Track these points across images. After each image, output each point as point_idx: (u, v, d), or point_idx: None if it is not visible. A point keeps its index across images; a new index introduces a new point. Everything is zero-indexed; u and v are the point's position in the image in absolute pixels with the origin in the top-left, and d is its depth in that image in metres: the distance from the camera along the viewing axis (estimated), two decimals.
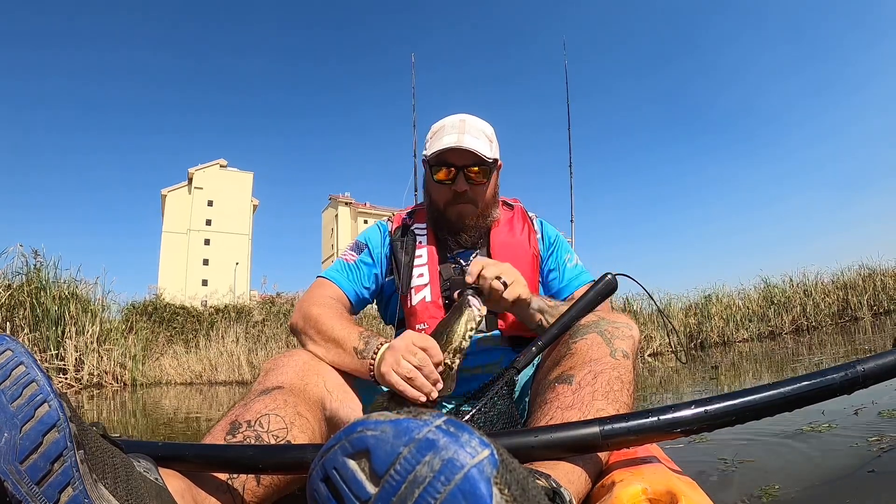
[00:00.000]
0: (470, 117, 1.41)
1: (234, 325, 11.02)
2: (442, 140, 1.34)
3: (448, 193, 1.37)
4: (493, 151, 1.37)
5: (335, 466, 0.43)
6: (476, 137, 1.34)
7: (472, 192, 1.36)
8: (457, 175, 1.34)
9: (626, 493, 0.74)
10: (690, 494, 0.73)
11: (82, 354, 7.45)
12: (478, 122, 1.41)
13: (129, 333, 8.61)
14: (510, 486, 0.41)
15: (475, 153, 1.31)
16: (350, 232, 53.16)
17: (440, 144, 1.33)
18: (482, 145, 1.33)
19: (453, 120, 1.40)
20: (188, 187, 51.33)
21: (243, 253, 51.22)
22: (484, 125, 1.41)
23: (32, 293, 7.13)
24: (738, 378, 4.21)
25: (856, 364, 0.77)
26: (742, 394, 0.76)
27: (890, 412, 1.90)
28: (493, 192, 1.42)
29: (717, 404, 0.75)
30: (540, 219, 1.55)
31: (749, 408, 0.75)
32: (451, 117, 1.42)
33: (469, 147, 1.30)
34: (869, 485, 1.27)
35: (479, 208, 1.38)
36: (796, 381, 0.76)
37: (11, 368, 0.56)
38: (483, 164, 1.33)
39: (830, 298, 10.14)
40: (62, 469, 0.54)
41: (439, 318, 1.33)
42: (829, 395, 0.76)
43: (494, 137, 1.42)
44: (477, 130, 1.37)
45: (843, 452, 1.53)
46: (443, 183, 1.36)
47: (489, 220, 1.42)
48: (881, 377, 0.77)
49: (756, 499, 1.25)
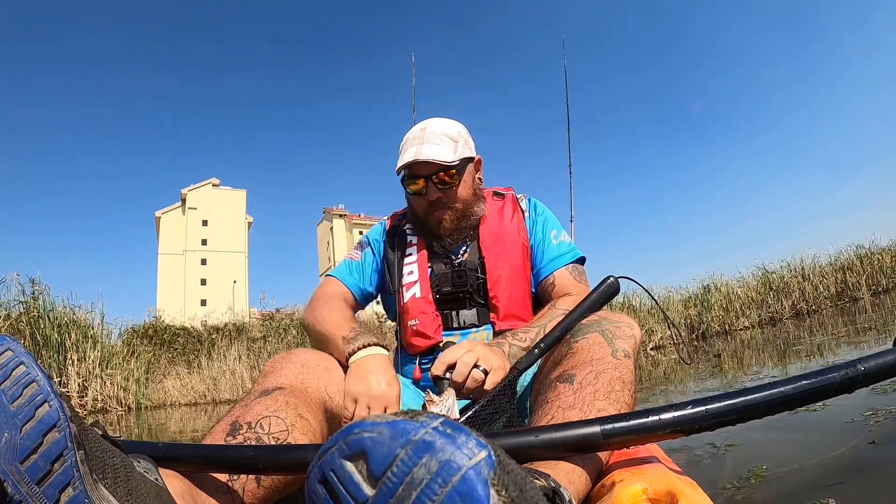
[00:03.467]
0: (432, 122, 1.42)
1: (235, 343, 10.98)
2: (404, 155, 1.36)
3: (423, 203, 1.38)
4: (458, 153, 1.36)
5: (332, 468, 0.43)
6: (436, 144, 1.34)
7: (445, 198, 1.37)
8: (427, 185, 1.35)
9: (627, 493, 0.74)
10: (690, 494, 0.73)
11: (85, 380, 7.41)
12: (440, 125, 1.41)
13: (130, 357, 8.57)
14: (508, 487, 0.41)
15: (434, 162, 1.32)
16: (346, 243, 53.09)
17: (401, 160, 1.35)
18: (442, 151, 1.33)
19: (415, 131, 1.41)
20: (182, 208, 51.27)
21: (240, 271, 51.07)
22: (447, 127, 1.41)
23: (31, 321, 7.11)
24: (741, 367, 4.21)
25: (856, 363, 0.77)
26: (742, 393, 0.76)
27: (883, 388, 1.91)
28: (471, 189, 1.42)
29: (718, 403, 0.75)
30: (530, 197, 1.55)
31: (749, 407, 0.75)
32: (414, 128, 1.43)
33: (427, 157, 1.31)
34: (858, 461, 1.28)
35: (458, 211, 1.39)
36: (797, 381, 0.76)
37: (12, 368, 0.56)
38: (448, 169, 1.34)
39: (829, 280, 10.17)
40: (62, 469, 0.54)
41: (429, 312, 1.36)
42: (830, 394, 0.77)
43: (462, 135, 1.42)
44: (437, 136, 1.37)
45: (837, 429, 1.54)
46: (416, 194, 1.38)
47: (473, 219, 1.43)
48: (881, 376, 0.77)
49: (745, 480, 1.25)
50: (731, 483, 1.25)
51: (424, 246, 1.44)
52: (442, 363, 1.06)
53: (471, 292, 1.38)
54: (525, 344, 1.18)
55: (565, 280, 1.39)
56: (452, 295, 1.39)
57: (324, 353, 1.16)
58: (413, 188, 1.37)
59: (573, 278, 1.40)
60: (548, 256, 1.43)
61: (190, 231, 49.93)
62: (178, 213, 51.17)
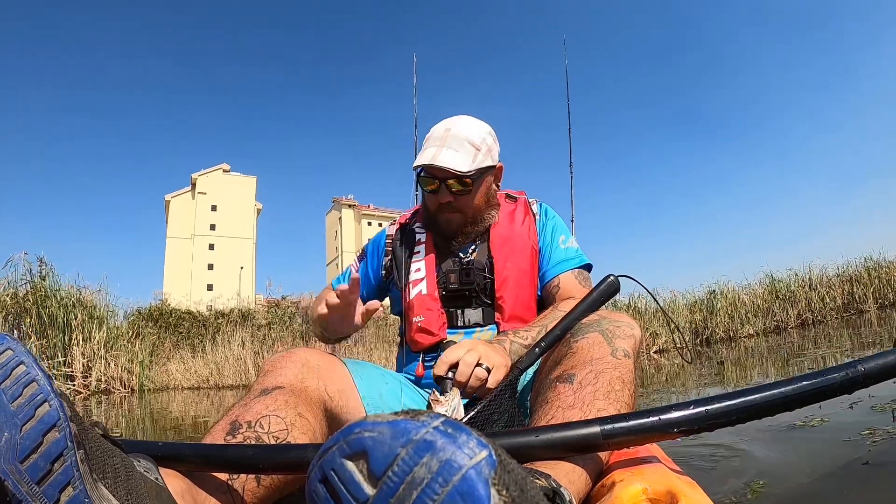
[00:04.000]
0: (458, 123, 1.39)
1: (240, 329, 11.04)
2: (422, 154, 1.35)
3: (435, 202, 1.38)
4: (476, 162, 1.33)
5: (333, 468, 0.43)
6: (456, 150, 1.32)
7: (456, 203, 1.37)
8: (440, 187, 1.35)
9: (627, 493, 0.73)
10: (691, 494, 0.73)
11: (90, 361, 7.48)
12: (465, 128, 1.38)
13: (135, 339, 8.64)
14: (508, 486, 0.41)
15: (448, 171, 1.30)
16: (354, 234, 53.22)
17: (418, 159, 1.34)
18: (460, 159, 1.31)
19: (439, 129, 1.39)
20: (192, 192, 51.51)
21: (248, 257, 51.31)
22: (471, 131, 1.37)
23: (38, 301, 7.17)
24: (744, 373, 4.20)
25: (856, 363, 0.76)
26: (742, 393, 0.75)
27: (882, 406, 1.90)
28: (484, 198, 1.41)
29: (718, 404, 0.75)
30: (541, 202, 1.55)
31: (749, 407, 0.74)
32: (440, 124, 1.41)
33: (441, 164, 1.29)
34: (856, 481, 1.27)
35: (467, 217, 1.39)
36: (797, 381, 0.76)
37: (12, 368, 0.56)
38: (463, 177, 1.32)
39: (836, 292, 10.09)
40: (62, 469, 0.54)
41: (435, 310, 1.37)
42: (830, 395, 0.76)
43: (486, 143, 1.38)
44: (459, 141, 1.34)
45: (835, 447, 1.53)
46: (429, 192, 1.38)
47: (482, 225, 1.42)
48: (882, 377, 0.76)
49: (741, 495, 1.25)
50: (728, 498, 1.25)
51: (433, 244, 1.45)
52: (444, 363, 1.06)
53: (477, 291, 1.39)
54: (526, 342, 1.19)
55: (570, 284, 1.39)
56: (459, 292, 1.39)
57: (324, 353, 1.16)
58: (428, 187, 1.38)
59: (578, 283, 1.40)
60: (554, 260, 1.43)
61: (199, 216, 50.19)
62: (187, 198, 51.42)
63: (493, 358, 1.08)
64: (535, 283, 1.44)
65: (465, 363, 1.05)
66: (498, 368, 1.07)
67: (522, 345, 1.18)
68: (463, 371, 1.04)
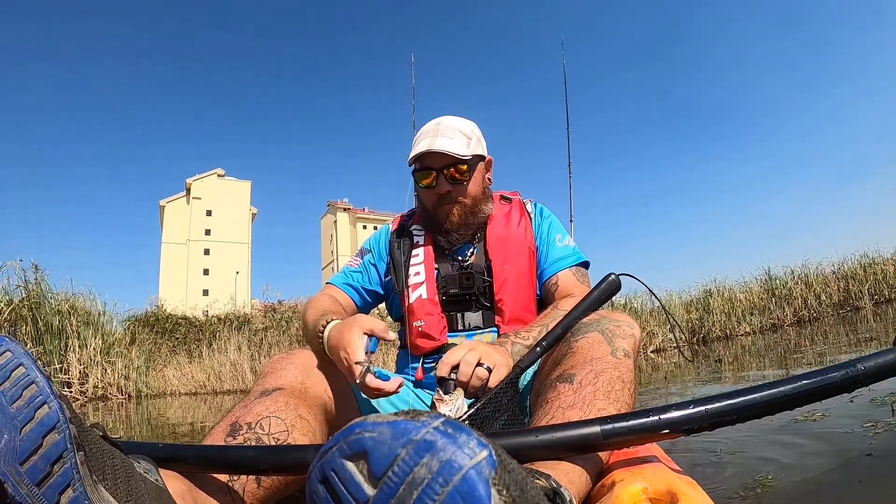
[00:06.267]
0: (447, 118, 1.44)
1: (237, 333, 11.00)
2: (417, 146, 1.37)
3: (433, 196, 1.39)
4: (471, 148, 1.38)
5: (333, 468, 0.43)
6: (450, 138, 1.36)
7: (455, 192, 1.38)
8: (437, 178, 1.36)
9: (627, 493, 0.74)
10: (691, 494, 0.73)
11: (86, 367, 7.44)
12: (455, 121, 1.43)
13: (131, 345, 8.60)
14: (509, 486, 0.41)
15: (447, 154, 1.33)
16: (349, 237, 53.17)
17: (414, 150, 1.37)
18: (456, 144, 1.35)
19: (429, 125, 1.43)
20: (186, 198, 51.33)
21: (243, 262, 51.19)
22: (461, 123, 1.43)
23: (33, 308, 7.13)
24: (741, 371, 4.21)
25: (856, 362, 0.76)
26: (742, 393, 0.76)
27: (882, 399, 1.90)
28: (481, 187, 1.43)
29: (717, 403, 0.75)
30: (535, 202, 1.56)
31: (749, 407, 0.75)
32: (428, 123, 1.45)
33: (440, 149, 1.32)
34: (860, 474, 1.27)
35: (466, 206, 1.40)
36: (797, 380, 0.76)
37: (11, 370, 0.56)
38: (460, 163, 1.35)
39: (832, 289, 10.14)
40: (62, 471, 0.54)
41: (435, 314, 1.36)
42: (830, 394, 0.76)
43: (475, 134, 1.44)
44: (451, 130, 1.39)
45: (837, 440, 1.54)
46: (426, 187, 1.39)
47: (480, 217, 1.43)
48: (881, 375, 0.76)
49: (751, 490, 1.25)
50: (736, 493, 1.25)
51: (431, 246, 1.45)
52: (445, 365, 1.06)
53: (477, 295, 1.39)
54: (528, 342, 1.19)
55: (568, 281, 1.39)
56: (459, 297, 1.39)
57: (324, 354, 1.16)
58: (424, 181, 1.39)
59: (576, 280, 1.40)
60: (552, 258, 1.43)
61: (194, 221, 50.01)
62: (182, 203, 51.24)
63: (494, 357, 1.08)
64: (534, 284, 1.44)
65: (466, 363, 1.05)
66: (499, 368, 1.07)
67: (524, 345, 1.18)
68: (464, 371, 1.04)
